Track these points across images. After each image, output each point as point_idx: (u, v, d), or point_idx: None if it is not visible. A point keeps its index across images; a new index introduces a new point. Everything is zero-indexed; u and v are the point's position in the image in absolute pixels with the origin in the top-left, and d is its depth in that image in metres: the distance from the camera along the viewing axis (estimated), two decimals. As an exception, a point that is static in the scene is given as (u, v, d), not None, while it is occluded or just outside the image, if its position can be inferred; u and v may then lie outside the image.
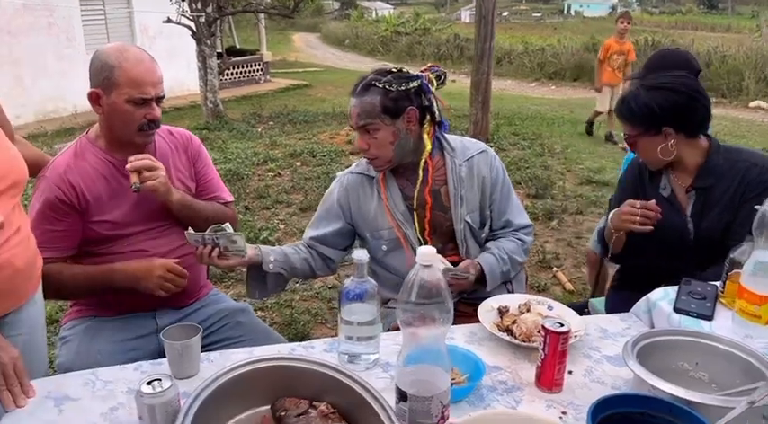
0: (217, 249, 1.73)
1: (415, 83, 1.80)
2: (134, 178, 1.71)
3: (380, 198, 1.91)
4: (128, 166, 1.71)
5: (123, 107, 1.71)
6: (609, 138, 7.81)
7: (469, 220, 1.91)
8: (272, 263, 1.85)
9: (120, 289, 1.77)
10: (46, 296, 1.72)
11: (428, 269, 1.11)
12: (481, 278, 1.86)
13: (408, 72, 1.84)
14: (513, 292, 1.97)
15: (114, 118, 1.75)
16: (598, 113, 7.93)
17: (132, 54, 1.72)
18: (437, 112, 1.86)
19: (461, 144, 1.96)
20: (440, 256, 1.80)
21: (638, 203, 1.84)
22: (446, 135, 1.96)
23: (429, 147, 1.87)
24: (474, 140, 2.03)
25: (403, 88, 1.78)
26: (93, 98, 1.75)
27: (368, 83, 1.79)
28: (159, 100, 1.77)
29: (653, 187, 1.99)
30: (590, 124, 8.25)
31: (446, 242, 1.91)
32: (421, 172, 1.87)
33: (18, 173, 1.50)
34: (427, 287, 1.11)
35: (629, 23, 7.80)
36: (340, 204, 1.96)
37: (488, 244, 1.95)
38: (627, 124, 1.94)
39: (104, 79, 1.71)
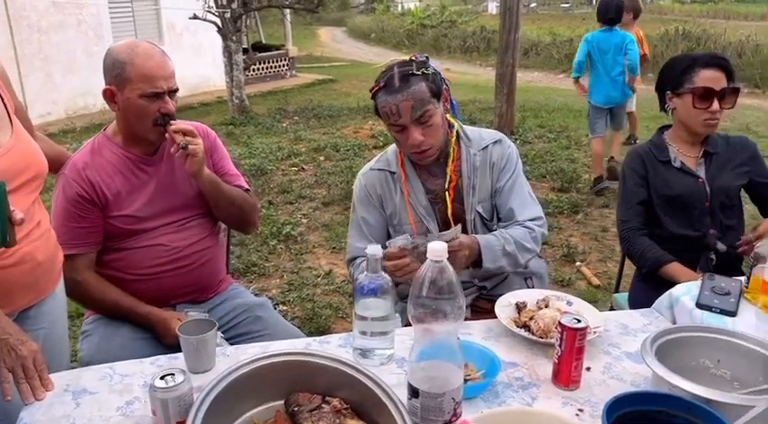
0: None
1: (430, 68, 1.76)
2: (179, 137, 1.73)
3: (402, 194, 1.88)
4: (171, 127, 1.74)
5: (137, 102, 1.73)
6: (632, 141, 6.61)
7: (480, 210, 1.87)
8: None
9: (138, 317, 1.83)
10: (70, 296, 1.77)
11: (439, 264, 1.10)
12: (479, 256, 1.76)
13: (421, 60, 1.79)
14: (533, 288, 1.93)
15: (129, 113, 1.77)
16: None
17: (142, 49, 1.73)
18: (446, 92, 1.81)
19: (478, 134, 1.93)
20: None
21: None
22: (464, 126, 1.92)
23: (457, 126, 1.86)
24: (492, 131, 1.98)
25: (430, 70, 1.74)
26: (108, 95, 1.77)
27: (403, 74, 1.71)
28: (172, 93, 1.78)
29: (661, 164, 2.13)
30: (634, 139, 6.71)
31: (464, 232, 1.87)
32: (451, 163, 1.84)
33: (38, 167, 1.53)
34: (438, 283, 1.10)
35: (631, 16, 5.87)
36: (369, 193, 1.92)
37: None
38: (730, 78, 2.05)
39: (117, 76, 1.73)
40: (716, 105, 2.00)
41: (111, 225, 1.81)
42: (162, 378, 1.15)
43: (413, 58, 1.78)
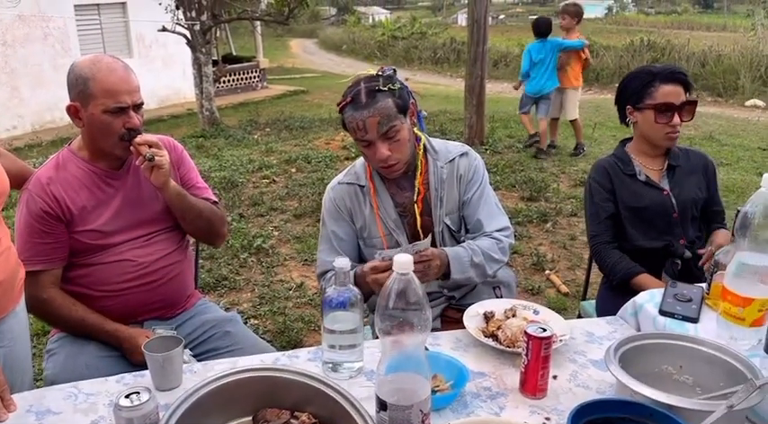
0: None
1: (397, 83, 1.78)
2: (144, 149, 1.71)
3: (372, 207, 1.89)
4: (137, 140, 1.72)
5: (101, 118, 1.71)
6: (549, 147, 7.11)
7: (448, 222, 1.88)
8: None
9: (105, 334, 1.80)
10: (34, 314, 1.73)
11: (405, 276, 1.11)
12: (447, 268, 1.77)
13: (388, 75, 1.80)
14: (502, 297, 1.95)
15: (94, 129, 1.75)
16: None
17: (105, 64, 1.72)
18: (412, 103, 1.83)
19: (444, 147, 1.94)
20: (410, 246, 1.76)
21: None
22: (430, 138, 1.94)
23: (424, 139, 1.87)
24: (458, 143, 1.99)
25: (397, 85, 1.76)
26: (72, 111, 1.75)
27: (370, 89, 1.72)
28: (137, 107, 1.76)
29: (627, 177, 2.17)
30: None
31: (432, 245, 1.89)
32: (420, 176, 1.85)
33: (1, 185, 1.50)
34: (405, 295, 1.10)
35: (567, 19, 6.73)
36: (338, 207, 1.91)
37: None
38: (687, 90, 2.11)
39: (80, 92, 1.71)
40: (676, 119, 2.05)
41: (76, 241, 1.78)
42: (127, 397, 1.14)
43: (379, 73, 1.79)
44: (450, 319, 1.89)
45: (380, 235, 1.87)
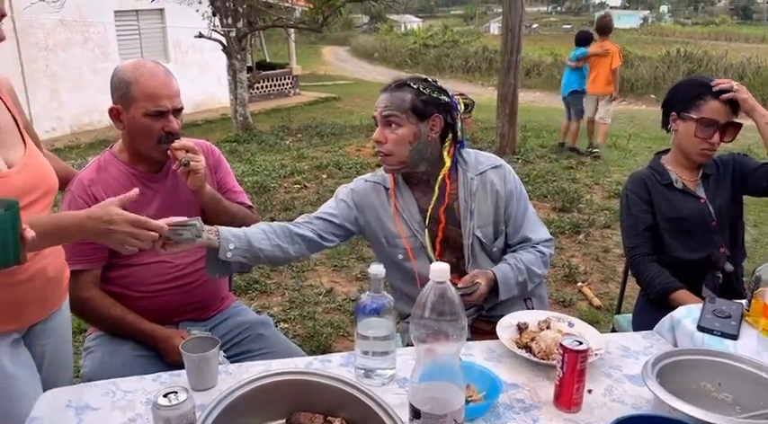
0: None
1: (445, 97, 1.82)
2: (181, 154, 1.75)
3: (394, 208, 1.90)
4: (174, 144, 1.76)
5: (141, 121, 1.75)
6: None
7: (480, 234, 1.88)
8: (231, 252, 1.68)
9: (142, 334, 1.84)
10: (74, 313, 1.78)
11: (441, 285, 1.11)
12: (494, 288, 1.81)
13: (441, 86, 1.86)
14: (533, 309, 1.94)
15: (134, 132, 1.79)
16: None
17: (147, 69, 1.76)
18: (459, 133, 1.86)
19: (475, 157, 1.95)
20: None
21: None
22: (461, 150, 1.94)
23: (448, 164, 1.87)
24: (489, 154, 2.00)
25: (434, 95, 1.80)
26: (114, 114, 1.80)
27: (402, 82, 1.83)
28: (177, 112, 1.80)
29: (664, 188, 2.14)
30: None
31: (459, 257, 1.89)
32: (437, 190, 1.86)
33: (50, 183, 1.56)
34: (441, 304, 1.10)
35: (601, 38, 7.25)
36: (353, 200, 1.92)
37: (505, 256, 1.92)
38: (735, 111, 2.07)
39: (122, 95, 1.76)
40: (716, 137, 2.02)
41: (115, 242, 1.82)
42: (165, 396, 1.16)
43: (433, 80, 1.86)
44: (481, 330, 1.88)
45: (403, 237, 1.88)
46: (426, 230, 1.88)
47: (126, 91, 1.75)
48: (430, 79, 1.87)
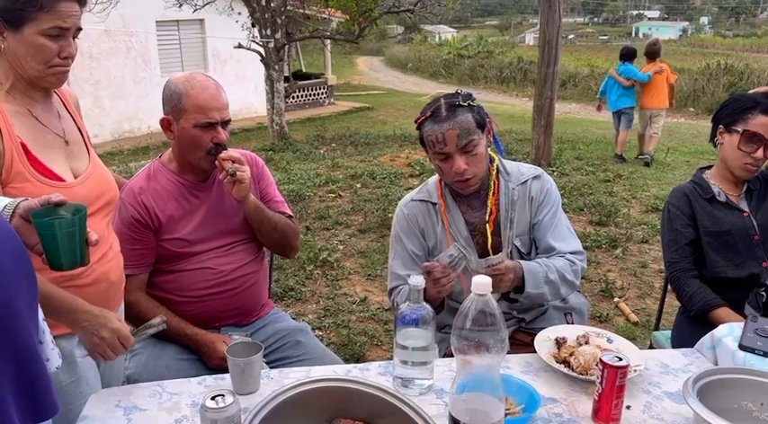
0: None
1: (476, 102, 1.82)
2: (228, 165, 1.80)
3: (443, 224, 1.91)
4: (221, 155, 1.81)
5: (191, 132, 1.81)
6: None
7: (518, 243, 1.89)
8: None
9: (185, 338, 1.89)
10: None
11: (483, 297, 1.13)
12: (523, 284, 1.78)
13: (465, 93, 1.86)
14: (573, 323, 1.93)
15: (184, 142, 1.85)
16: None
17: (198, 81, 1.82)
18: (495, 134, 1.88)
19: (517, 168, 1.95)
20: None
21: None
22: (503, 160, 1.96)
23: (497, 160, 1.90)
24: (531, 165, 2.01)
25: (475, 103, 1.81)
26: (165, 125, 1.87)
27: (450, 104, 1.78)
28: (225, 124, 1.85)
29: (706, 202, 2.13)
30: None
31: None
32: (491, 196, 1.88)
33: (112, 193, 1.64)
34: (482, 316, 1.12)
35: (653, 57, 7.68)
36: (410, 223, 1.94)
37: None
38: None
39: (173, 106, 1.82)
40: (760, 153, 1.99)
41: (162, 248, 1.88)
42: (213, 399, 1.19)
43: (458, 92, 1.84)
44: (520, 342, 1.88)
45: None
46: (475, 243, 1.89)
47: (177, 102, 1.81)
48: (456, 91, 1.86)
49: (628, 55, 7.68)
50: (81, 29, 1.47)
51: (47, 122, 1.50)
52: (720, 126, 2.10)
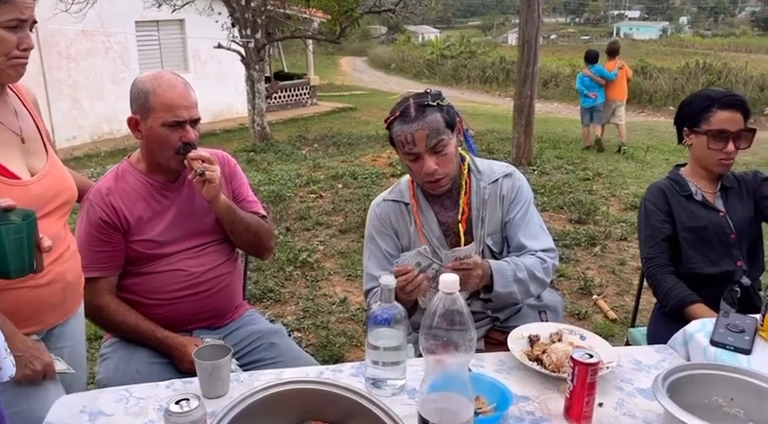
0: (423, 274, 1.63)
1: (445, 101, 1.80)
2: (197, 164, 1.77)
3: (416, 225, 1.90)
4: (190, 154, 1.78)
5: (159, 131, 1.78)
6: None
7: (489, 242, 1.88)
8: None
9: (156, 341, 1.86)
10: (90, 319, 1.82)
11: (451, 296, 1.12)
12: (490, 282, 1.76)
13: (434, 93, 1.84)
14: (547, 321, 1.92)
15: (152, 141, 1.82)
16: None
17: (166, 80, 1.79)
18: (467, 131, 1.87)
19: (489, 167, 1.94)
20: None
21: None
22: (475, 158, 1.95)
23: (468, 159, 1.89)
24: (502, 163, 1.99)
25: (445, 102, 1.79)
26: (133, 124, 1.84)
27: (419, 104, 1.76)
28: (194, 123, 1.82)
29: (684, 198, 2.14)
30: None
31: None
32: (464, 195, 1.86)
33: (70, 192, 1.61)
34: (450, 315, 1.11)
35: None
36: (383, 224, 1.92)
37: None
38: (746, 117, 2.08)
39: (141, 105, 1.79)
40: (731, 146, 2.02)
41: (131, 250, 1.85)
42: (177, 403, 1.17)
43: (427, 91, 1.83)
44: (494, 341, 1.88)
45: None
46: (449, 243, 1.87)
47: (144, 101, 1.78)
48: (425, 90, 1.84)
49: (595, 57, 8.93)
50: (36, 21, 1.45)
51: (2, 119, 1.48)
52: (685, 128, 2.13)
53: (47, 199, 1.47)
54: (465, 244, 1.86)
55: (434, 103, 1.76)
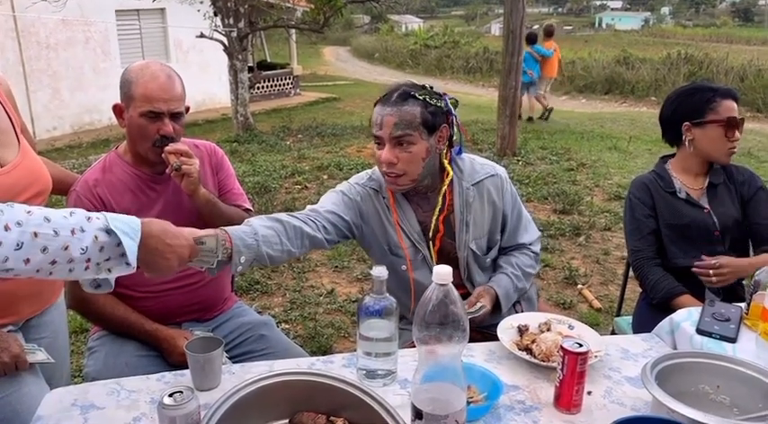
0: None
1: (441, 103, 1.75)
2: (173, 158, 1.74)
3: (392, 218, 1.84)
4: (167, 148, 1.75)
5: (137, 121, 1.77)
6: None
7: (474, 247, 1.85)
8: (241, 265, 1.56)
9: (145, 334, 1.85)
10: (78, 312, 1.80)
11: (444, 287, 1.12)
12: (496, 303, 1.79)
13: (437, 91, 1.79)
14: (522, 312, 1.91)
15: (132, 131, 1.81)
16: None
17: (150, 70, 1.77)
18: (455, 137, 1.82)
19: (470, 165, 1.89)
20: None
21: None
22: (456, 157, 1.89)
23: (451, 173, 1.81)
24: (484, 161, 1.94)
25: (440, 104, 1.73)
26: (117, 111, 1.83)
27: (405, 92, 1.70)
28: (174, 116, 1.79)
29: (668, 195, 2.15)
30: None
31: (454, 268, 1.85)
32: (440, 199, 1.80)
33: (43, 183, 1.59)
34: (443, 306, 1.12)
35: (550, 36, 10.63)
36: (353, 200, 1.85)
37: (501, 262, 1.91)
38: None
39: (125, 93, 1.79)
40: (738, 134, 2.05)
41: (119, 243, 1.83)
42: (170, 395, 1.17)
43: (430, 86, 1.79)
44: (472, 339, 1.87)
45: (403, 247, 1.85)
46: (429, 241, 1.84)
47: (128, 90, 1.77)
48: (427, 85, 1.78)
49: (534, 38, 10.32)
50: None
51: None
52: (686, 123, 2.10)
53: (18, 191, 1.46)
54: (440, 248, 1.84)
55: (421, 97, 1.70)
